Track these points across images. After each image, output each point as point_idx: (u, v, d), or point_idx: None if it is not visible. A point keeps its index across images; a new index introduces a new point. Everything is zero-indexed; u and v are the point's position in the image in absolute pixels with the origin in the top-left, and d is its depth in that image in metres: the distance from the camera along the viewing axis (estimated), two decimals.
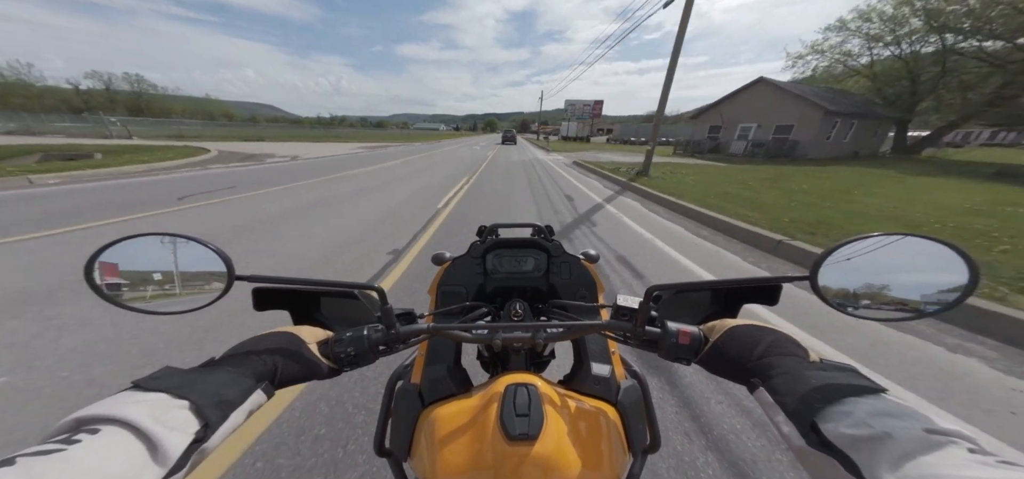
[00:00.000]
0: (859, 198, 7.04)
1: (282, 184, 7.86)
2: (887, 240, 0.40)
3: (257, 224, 4.68)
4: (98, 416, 0.28)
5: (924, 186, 8.92)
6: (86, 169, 7.95)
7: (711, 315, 0.66)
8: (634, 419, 0.52)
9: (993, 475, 0.23)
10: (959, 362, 2.15)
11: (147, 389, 0.32)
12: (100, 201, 5.61)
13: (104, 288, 0.41)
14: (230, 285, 0.44)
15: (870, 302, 0.42)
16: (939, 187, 8.74)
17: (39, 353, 1.98)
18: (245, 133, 30.40)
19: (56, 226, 4.21)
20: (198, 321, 2.26)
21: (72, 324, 2.25)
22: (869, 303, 0.42)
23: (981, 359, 2.18)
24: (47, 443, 0.25)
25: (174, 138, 22.75)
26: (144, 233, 0.42)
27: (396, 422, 0.54)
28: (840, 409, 0.31)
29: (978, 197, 7.29)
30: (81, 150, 12.30)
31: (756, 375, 0.40)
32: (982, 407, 1.79)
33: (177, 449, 0.29)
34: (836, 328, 2.44)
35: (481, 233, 0.95)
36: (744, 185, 8.53)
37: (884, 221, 5.27)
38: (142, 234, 0.42)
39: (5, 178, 6.64)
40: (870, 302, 0.42)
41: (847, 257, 0.42)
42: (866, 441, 0.27)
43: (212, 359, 0.41)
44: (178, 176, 8.43)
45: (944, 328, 2.50)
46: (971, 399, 1.84)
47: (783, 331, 0.45)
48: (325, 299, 0.67)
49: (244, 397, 0.37)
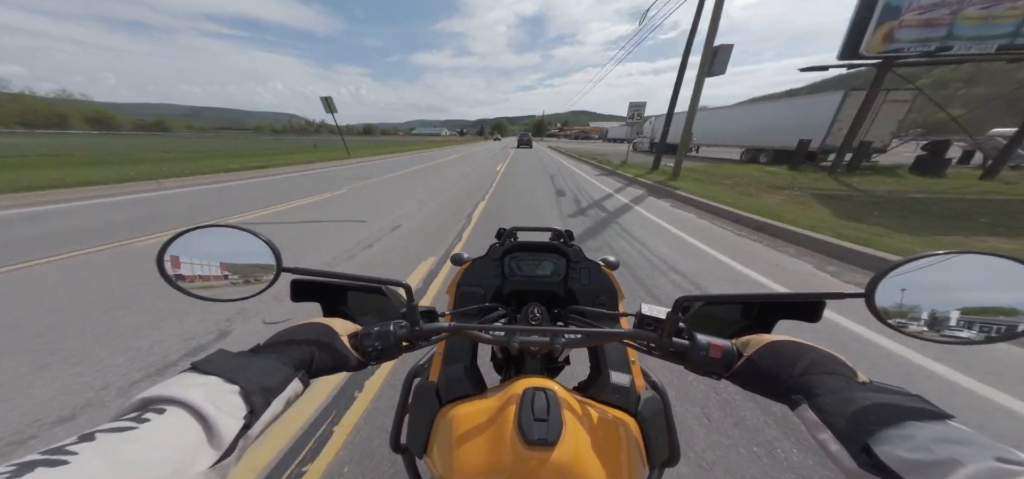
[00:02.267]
0: None
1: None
2: (952, 258, 0.37)
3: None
4: (164, 397, 0.29)
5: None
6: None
7: (742, 331, 0.63)
8: (654, 431, 0.51)
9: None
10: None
11: (204, 371, 0.34)
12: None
13: (173, 277, 0.44)
14: (278, 275, 0.46)
15: (933, 323, 0.38)
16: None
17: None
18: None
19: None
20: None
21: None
22: (932, 324, 0.38)
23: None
24: (120, 421, 0.27)
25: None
26: (205, 224, 0.45)
27: (413, 419, 0.54)
28: (899, 432, 0.29)
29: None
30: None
31: (799, 392, 0.38)
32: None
33: (230, 433, 0.30)
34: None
35: (500, 235, 0.95)
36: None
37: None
38: (203, 225, 0.45)
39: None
40: (933, 323, 0.38)
41: (907, 274, 0.38)
42: (929, 467, 0.25)
43: (258, 345, 0.43)
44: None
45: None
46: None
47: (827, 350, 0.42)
48: (351, 293, 0.69)
49: (284, 385, 0.38)
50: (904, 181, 10.30)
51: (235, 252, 0.46)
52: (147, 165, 11.68)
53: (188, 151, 22.57)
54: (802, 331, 2.30)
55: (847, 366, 0.40)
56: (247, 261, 0.46)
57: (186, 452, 0.27)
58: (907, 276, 0.38)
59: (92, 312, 2.58)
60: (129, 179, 8.41)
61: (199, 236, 0.45)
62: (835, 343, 2.35)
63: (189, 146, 31.62)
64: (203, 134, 36.41)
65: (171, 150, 23.79)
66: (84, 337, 2.28)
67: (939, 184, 9.52)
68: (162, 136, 28.11)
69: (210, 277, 0.46)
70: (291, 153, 19.99)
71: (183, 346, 2.20)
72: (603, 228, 5.30)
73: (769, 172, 12.41)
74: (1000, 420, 1.76)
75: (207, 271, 0.46)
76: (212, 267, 0.46)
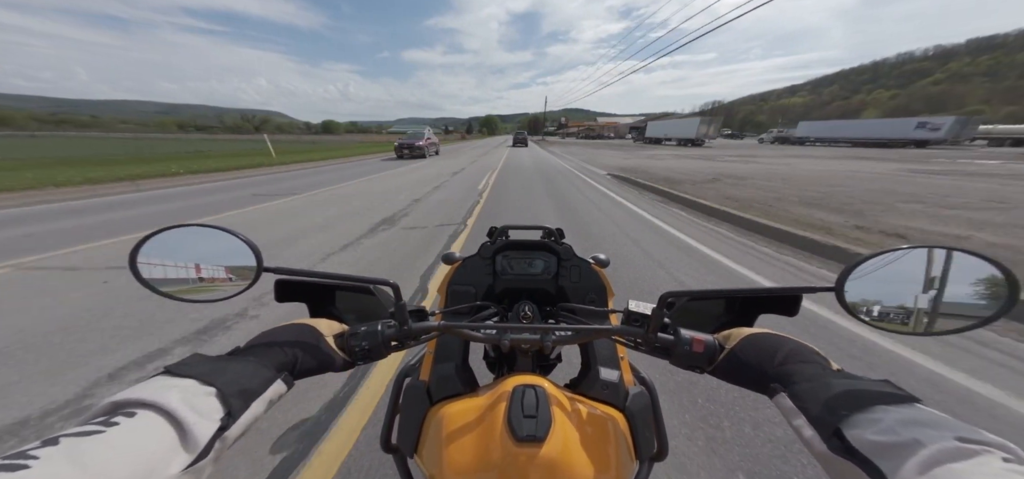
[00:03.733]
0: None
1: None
2: (918, 253, 0.39)
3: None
4: (134, 400, 0.29)
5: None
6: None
7: (724, 325, 0.65)
8: (642, 426, 0.52)
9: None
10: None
11: (178, 374, 0.33)
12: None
13: (146, 279, 0.43)
14: (258, 276, 0.45)
15: (900, 315, 0.40)
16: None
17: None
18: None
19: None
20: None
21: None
22: (898, 316, 0.40)
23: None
24: (87, 424, 0.26)
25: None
26: (182, 224, 0.44)
27: (404, 418, 0.54)
28: (868, 416, 0.30)
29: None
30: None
31: (777, 381, 0.40)
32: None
33: (205, 435, 0.30)
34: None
35: (491, 234, 0.95)
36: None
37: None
38: (180, 225, 0.44)
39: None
40: (900, 315, 0.40)
41: (875, 269, 0.40)
42: (893, 448, 0.27)
43: (237, 348, 0.42)
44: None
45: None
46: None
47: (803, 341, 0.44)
48: (339, 293, 0.68)
49: (265, 387, 0.38)
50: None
51: (213, 252, 0.45)
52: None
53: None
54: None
55: (821, 355, 0.42)
56: (226, 261, 0.45)
57: (157, 455, 0.27)
58: (873, 269, 0.40)
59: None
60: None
61: (174, 236, 0.44)
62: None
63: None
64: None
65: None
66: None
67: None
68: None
69: (187, 278, 0.45)
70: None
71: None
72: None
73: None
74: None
75: (183, 272, 0.45)
76: (189, 268, 0.45)
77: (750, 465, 1.45)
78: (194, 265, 0.45)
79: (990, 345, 2.31)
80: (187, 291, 0.45)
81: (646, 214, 6.11)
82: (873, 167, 14.10)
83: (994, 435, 0.25)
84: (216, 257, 0.45)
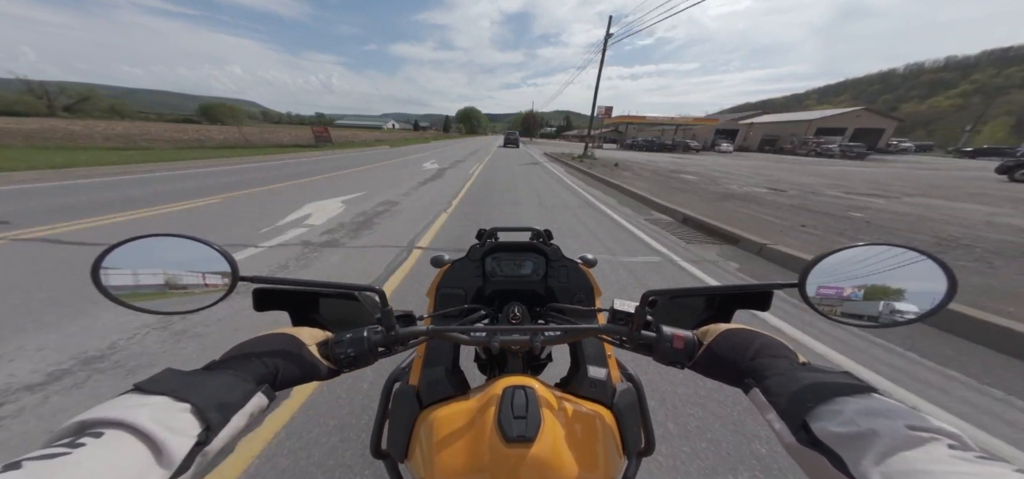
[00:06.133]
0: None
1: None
2: (873, 250, 0.42)
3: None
4: (101, 419, 0.28)
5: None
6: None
7: (705, 321, 0.68)
8: (629, 422, 0.53)
9: (970, 470, 0.24)
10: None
11: (148, 392, 0.32)
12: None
13: (110, 290, 0.41)
14: (234, 285, 0.44)
15: (855, 309, 0.43)
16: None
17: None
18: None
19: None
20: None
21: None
22: (854, 310, 0.43)
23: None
24: (52, 446, 0.25)
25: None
26: (151, 234, 0.42)
27: (393, 423, 0.54)
28: (830, 408, 0.32)
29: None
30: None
31: (750, 376, 0.42)
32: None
33: (180, 452, 0.29)
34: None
35: (480, 236, 0.95)
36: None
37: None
38: (149, 235, 0.42)
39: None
40: (855, 309, 0.43)
41: (834, 265, 0.43)
42: (853, 438, 0.29)
43: (213, 361, 0.41)
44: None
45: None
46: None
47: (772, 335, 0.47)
48: (324, 300, 0.67)
49: (245, 400, 0.37)
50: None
51: (185, 262, 0.44)
52: None
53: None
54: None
55: (789, 349, 0.44)
56: (199, 269, 0.44)
57: (129, 475, 0.26)
58: (832, 267, 0.43)
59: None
60: None
61: (140, 246, 0.42)
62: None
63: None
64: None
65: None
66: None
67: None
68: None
69: (156, 287, 0.43)
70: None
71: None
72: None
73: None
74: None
75: (152, 281, 0.43)
76: (158, 278, 0.43)
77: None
78: (165, 274, 0.43)
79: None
80: (156, 302, 0.43)
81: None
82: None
83: (944, 423, 0.28)
84: (188, 266, 0.44)
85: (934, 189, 10.44)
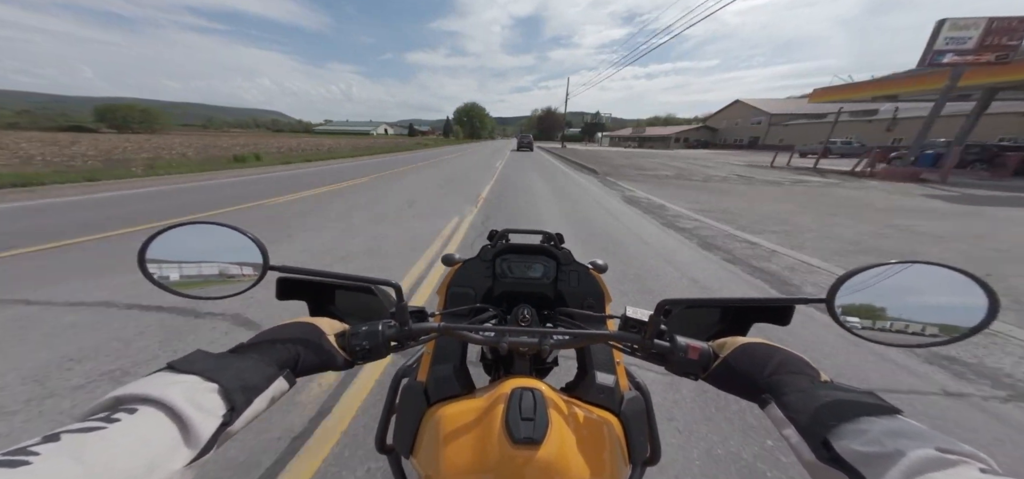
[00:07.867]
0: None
1: None
2: (905, 267, 0.40)
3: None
4: (136, 395, 0.29)
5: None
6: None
7: (719, 333, 0.66)
8: (636, 431, 0.52)
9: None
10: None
11: (181, 371, 0.33)
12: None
13: (154, 275, 0.44)
14: (264, 274, 0.46)
15: (886, 327, 0.41)
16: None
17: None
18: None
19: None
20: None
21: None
22: (885, 328, 0.42)
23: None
24: (88, 420, 0.26)
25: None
26: (190, 220, 0.45)
27: (400, 419, 0.54)
28: (854, 427, 0.31)
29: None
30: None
31: (768, 391, 0.41)
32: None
33: (207, 431, 0.30)
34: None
35: (492, 237, 0.96)
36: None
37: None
38: (188, 222, 0.45)
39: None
40: (886, 327, 0.41)
41: (864, 282, 0.42)
42: (877, 458, 0.28)
43: (241, 344, 0.43)
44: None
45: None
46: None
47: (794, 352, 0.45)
48: (339, 293, 0.69)
49: (268, 383, 0.38)
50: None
51: (220, 249, 0.46)
52: None
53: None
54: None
55: (811, 366, 0.42)
56: (233, 258, 0.46)
57: (160, 451, 0.27)
58: (863, 283, 0.42)
59: None
60: None
61: (182, 233, 0.45)
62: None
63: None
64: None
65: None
66: None
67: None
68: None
69: (194, 275, 0.46)
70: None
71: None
72: None
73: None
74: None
75: (191, 269, 0.46)
76: (196, 265, 0.46)
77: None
78: (202, 262, 0.46)
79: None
80: (194, 287, 0.46)
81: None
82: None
83: (974, 448, 0.26)
84: (223, 254, 0.46)
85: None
